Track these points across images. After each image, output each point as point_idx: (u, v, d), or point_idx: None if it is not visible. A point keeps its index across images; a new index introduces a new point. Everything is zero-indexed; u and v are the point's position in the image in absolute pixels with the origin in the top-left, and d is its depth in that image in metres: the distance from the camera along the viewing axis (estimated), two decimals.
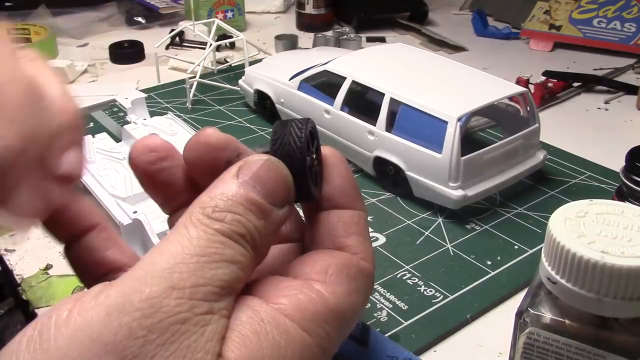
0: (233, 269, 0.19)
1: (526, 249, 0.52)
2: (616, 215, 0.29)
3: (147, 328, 0.17)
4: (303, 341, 0.20)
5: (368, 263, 0.25)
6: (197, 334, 0.18)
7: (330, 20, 1.12)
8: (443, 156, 0.53)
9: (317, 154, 0.26)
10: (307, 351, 0.20)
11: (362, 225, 0.26)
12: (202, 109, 0.78)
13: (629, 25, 0.97)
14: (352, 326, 0.24)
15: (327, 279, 0.23)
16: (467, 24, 1.11)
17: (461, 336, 0.44)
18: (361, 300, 0.24)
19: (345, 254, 0.24)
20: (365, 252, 0.25)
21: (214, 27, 0.83)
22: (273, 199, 0.21)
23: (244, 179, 0.21)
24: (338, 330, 0.22)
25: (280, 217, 0.22)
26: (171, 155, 0.25)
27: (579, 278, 0.27)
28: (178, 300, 0.18)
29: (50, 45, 0.98)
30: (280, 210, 0.22)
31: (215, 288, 0.19)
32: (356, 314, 0.24)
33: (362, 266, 0.24)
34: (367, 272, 0.25)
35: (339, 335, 0.22)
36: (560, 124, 0.76)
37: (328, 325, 0.21)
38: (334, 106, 0.62)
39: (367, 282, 0.25)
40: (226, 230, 0.20)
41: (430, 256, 0.51)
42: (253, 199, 0.21)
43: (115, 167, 0.54)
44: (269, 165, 0.22)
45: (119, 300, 0.17)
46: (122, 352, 0.17)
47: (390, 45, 0.72)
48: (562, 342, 0.29)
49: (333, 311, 0.22)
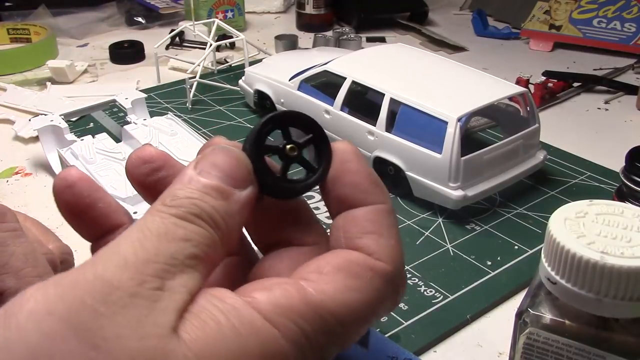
0: (185, 246, 0.20)
1: (526, 249, 0.52)
2: (616, 216, 0.29)
3: (97, 301, 0.18)
4: (269, 334, 0.19)
5: (385, 263, 0.23)
6: (147, 308, 0.18)
7: (330, 20, 1.12)
8: (443, 156, 0.53)
9: (300, 146, 0.24)
10: (274, 345, 0.19)
11: (379, 221, 0.24)
12: (202, 109, 0.78)
13: (629, 25, 0.97)
14: (356, 329, 0.22)
15: (318, 277, 0.22)
16: (467, 24, 1.11)
17: (461, 336, 0.44)
18: (366, 300, 0.22)
19: (355, 253, 0.23)
20: (383, 251, 0.23)
21: (214, 27, 0.83)
22: (232, 181, 0.22)
23: (201, 169, 0.22)
24: (322, 329, 0.21)
25: (244, 197, 0.22)
26: (167, 164, 0.25)
27: (578, 278, 0.27)
28: (128, 275, 0.18)
29: (50, 45, 0.98)
30: (243, 191, 0.22)
31: (167, 265, 0.19)
32: (358, 315, 0.22)
33: (373, 265, 0.23)
34: (381, 272, 0.23)
35: (326, 335, 0.21)
36: (560, 124, 0.76)
37: (305, 321, 0.20)
38: (334, 106, 0.62)
39: (379, 283, 0.22)
40: (180, 212, 0.20)
41: (430, 256, 0.51)
42: (209, 183, 0.21)
43: (115, 167, 0.54)
44: (224, 150, 0.22)
45: (75, 277, 0.18)
46: (75, 325, 0.17)
47: (390, 45, 0.72)
48: (562, 343, 0.29)
49: (315, 307, 0.21)
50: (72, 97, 0.82)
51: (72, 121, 0.73)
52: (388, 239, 0.23)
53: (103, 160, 0.55)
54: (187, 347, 0.18)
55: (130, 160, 0.25)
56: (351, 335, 0.22)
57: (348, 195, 0.24)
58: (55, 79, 0.87)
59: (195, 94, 0.79)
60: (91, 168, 0.54)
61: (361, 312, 0.22)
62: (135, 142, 0.58)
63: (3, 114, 0.77)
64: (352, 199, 0.24)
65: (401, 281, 0.24)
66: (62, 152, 0.58)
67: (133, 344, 0.17)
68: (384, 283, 0.23)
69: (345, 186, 0.24)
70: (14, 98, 0.82)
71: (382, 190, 0.24)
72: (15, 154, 0.69)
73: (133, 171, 0.25)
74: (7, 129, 0.74)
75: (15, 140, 0.72)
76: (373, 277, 0.22)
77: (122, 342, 0.17)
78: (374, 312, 0.23)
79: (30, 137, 0.71)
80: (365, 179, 0.24)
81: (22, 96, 0.82)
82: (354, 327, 0.22)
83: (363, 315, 0.22)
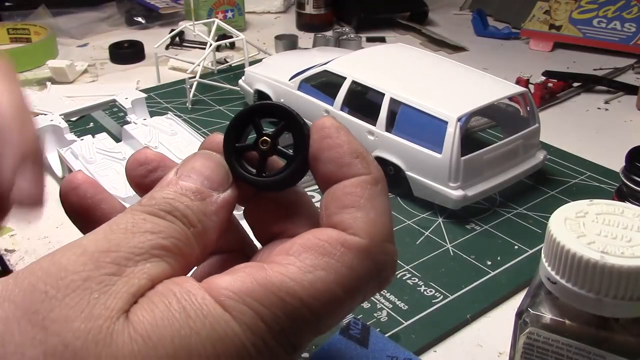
0: (152, 237, 0.20)
1: (526, 249, 0.52)
2: (616, 216, 0.29)
3: (49, 285, 0.18)
4: (219, 318, 0.19)
5: (360, 237, 0.21)
6: (98, 292, 0.18)
7: (330, 20, 1.12)
8: (443, 156, 0.53)
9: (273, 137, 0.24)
10: (224, 329, 0.19)
11: (358, 193, 0.22)
12: (202, 109, 0.78)
13: (629, 25, 0.97)
14: (328, 312, 0.20)
15: (283, 259, 0.21)
16: (467, 24, 1.11)
17: (461, 336, 0.44)
18: (336, 279, 0.20)
19: (328, 230, 0.21)
20: (359, 225, 0.21)
21: (214, 27, 0.83)
22: (209, 184, 0.22)
23: (181, 173, 0.22)
24: (284, 313, 0.19)
25: (221, 198, 0.22)
26: (163, 164, 0.26)
27: (578, 278, 0.27)
28: (83, 261, 0.19)
29: (50, 45, 0.98)
30: (221, 193, 0.22)
31: (128, 254, 0.19)
32: (328, 296, 0.20)
33: (344, 240, 0.21)
34: (354, 246, 0.21)
35: (290, 319, 0.20)
36: (560, 124, 0.76)
37: (260, 304, 0.19)
38: (334, 106, 0.62)
39: (351, 259, 0.21)
40: (152, 209, 0.21)
41: (430, 256, 0.51)
42: (186, 185, 0.22)
43: (115, 167, 0.54)
44: (204, 155, 0.23)
45: (33, 265, 0.19)
46: (26, 308, 0.18)
47: (390, 45, 0.72)
48: (562, 342, 0.29)
49: (275, 289, 0.19)
50: (72, 97, 0.82)
51: (72, 121, 0.73)
52: (367, 212, 0.22)
53: (103, 160, 0.55)
54: (133, 328, 0.18)
55: (128, 163, 0.26)
56: (324, 320, 0.21)
57: (331, 171, 0.23)
58: (55, 79, 0.87)
59: (195, 94, 0.79)
60: (91, 168, 0.54)
61: (331, 292, 0.20)
62: (135, 142, 0.58)
63: None
64: (334, 175, 0.23)
65: (384, 257, 0.22)
66: (62, 152, 0.58)
67: (79, 325, 0.17)
68: (358, 259, 0.21)
69: (326, 163, 0.23)
70: None
71: (364, 160, 0.23)
72: None
73: (130, 173, 0.26)
74: None
75: None
76: (344, 254, 0.21)
77: (69, 324, 0.17)
78: (349, 292, 0.21)
79: None
80: (345, 151, 0.23)
81: None
82: (325, 310, 0.20)
83: (335, 296, 0.20)
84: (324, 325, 0.21)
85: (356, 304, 0.22)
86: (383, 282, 0.23)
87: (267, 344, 0.19)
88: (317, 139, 0.23)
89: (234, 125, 0.24)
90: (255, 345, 0.19)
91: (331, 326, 0.21)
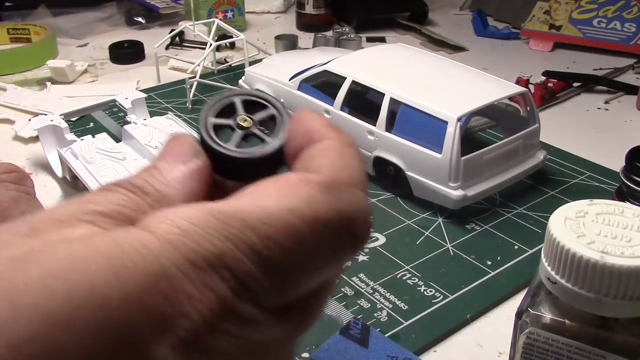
0: (80, 205, 0.18)
1: (526, 249, 0.52)
2: (616, 215, 0.29)
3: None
4: (129, 234, 0.16)
5: (321, 174, 0.19)
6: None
7: (330, 20, 1.12)
8: (443, 156, 0.53)
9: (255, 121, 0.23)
10: (135, 246, 0.16)
11: (327, 149, 0.21)
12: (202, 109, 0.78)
13: (629, 25, 0.97)
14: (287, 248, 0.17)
15: (232, 197, 0.19)
16: (467, 24, 1.11)
17: (461, 336, 0.44)
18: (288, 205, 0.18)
19: (286, 174, 0.20)
20: (323, 167, 0.20)
21: (214, 27, 0.83)
22: (169, 157, 0.21)
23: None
24: (220, 232, 0.17)
25: (186, 168, 0.21)
26: None
27: (578, 278, 0.27)
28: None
29: (50, 45, 0.98)
30: (184, 164, 0.21)
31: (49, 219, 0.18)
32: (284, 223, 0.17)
33: (305, 175, 0.19)
34: (314, 180, 0.19)
35: (231, 242, 0.17)
36: (560, 124, 0.76)
37: (190, 222, 0.17)
38: (334, 106, 0.62)
39: (309, 190, 0.18)
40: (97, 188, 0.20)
41: (430, 256, 0.51)
42: (146, 164, 0.21)
43: (115, 167, 0.54)
44: (171, 136, 0.23)
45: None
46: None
47: (390, 45, 0.72)
48: (562, 342, 0.29)
49: (212, 211, 0.17)
50: (72, 97, 0.82)
51: (72, 121, 0.73)
52: (333, 160, 0.20)
53: (103, 160, 0.55)
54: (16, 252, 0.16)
55: None
56: (283, 258, 0.17)
57: (302, 144, 0.21)
58: (55, 79, 0.87)
59: (195, 94, 0.79)
60: (91, 168, 0.54)
61: (285, 219, 0.17)
62: (135, 142, 0.58)
63: (3, 114, 0.77)
64: (304, 146, 0.21)
65: (353, 198, 0.19)
66: (62, 152, 0.58)
67: None
68: (318, 192, 0.18)
69: (298, 137, 0.21)
70: (14, 98, 0.82)
71: (337, 130, 0.22)
72: (15, 153, 0.69)
73: None
74: (7, 129, 0.74)
75: (15, 140, 0.72)
76: (299, 185, 0.18)
77: None
78: (311, 225, 0.18)
79: (30, 137, 0.71)
80: (318, 124, 0.21)
81: (22, 96, 0.82)
82: (281, 242, 0.17)
83: (291, 225, 0.17)
84: (284, 265, 0.17)
85: (325, 255, 0.19)
86: (358, 237, 0.19)
87: (196, 266, 0.16)
88: (292, 122, 0.22)
89: (212, 103, 0.23)
90: (177, 265, 0.16)
91: (297, 272, 0.18)
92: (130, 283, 0.15)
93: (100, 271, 0.15)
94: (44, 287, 0.15)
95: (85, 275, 0.15)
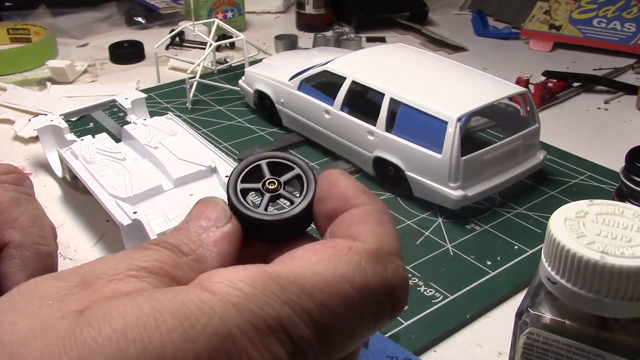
0: (128, 260, 0.19)
1: (526, 249, 0.52)
2: (616, 216, 0.29)
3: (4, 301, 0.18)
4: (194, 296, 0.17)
5: (367, 242, 0.20)
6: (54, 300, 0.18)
7: (330, 20, 1.12)
8: (443, 156, 0.53)
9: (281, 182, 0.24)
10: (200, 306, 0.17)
11: (365, 215, 0.22)
12: (202, 109, 0.78)
13: (629, 25, 0.97)
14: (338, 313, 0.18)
15: (284, 258, 0.19)
16: (467, 24, 1.11)
17: (461, 336, 0.44)
18: (341, 272, 0.19)
19: (333, 239, 0.21)
20: (366, 235, 0.20)
21: (214, 27, 0.83)
22: (207, 222, 0.22)
23: (184, 220, 0.23)
24: (279, 296, 0.17)
25: (221, 231, 0.22)
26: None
27: (578, 278, 0.27)
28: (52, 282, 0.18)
29: (50, 45, 0.98)
30: (220, 228, 0.23)
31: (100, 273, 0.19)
32: (336, 290, 0.18)
33: (354, 244, 0.20)
34: (361, 248, 0.20)
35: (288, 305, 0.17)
36: (560, 124, 0.76)
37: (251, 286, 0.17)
38: (334, 106, 0.62)
39: (358, 258, 0.19)
40: (140, 245, 0.21)
41: (430, 256, 0.51)
42: (183, 225, 0.22)
43: (115, 167, 0.54)
44: (202, 200, 0.24)
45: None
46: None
47: (390, 45, 0.72)
48: (562, 343, 0.29)
49: (271, 275, 0.18)
50: (72, 97, 0.82)
51: (72, 121, 0.73)
52: (375, 227, 0.21)
53: (103, 160, 0.55)
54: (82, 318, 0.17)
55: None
56: (333, 322, 0.18)
57: (336, 207, 0.22)
58: (55, 79, 0.87)
59: (195, 94, 0.79)
60: (91, 168, 0.54)
61: (338, 286, 0.18)
62: (135, 142, 0.58)
63: (3, 114, 0.77)
64: (340, 208, 0.22)
65: (395, 267, 0.20)
66: (62, 152, 0.58)
67: (22, 323, 0.16)
68: (366, 260, 0.19)
69: (332, 200, 0.23)
70: (14, 98, 0.82)
71: (371, 195, 0.23)
72: (15, 154, 0.69)
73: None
74: (7, 129, 0.74)
75: (15, 140, 0.72)
76: (351, 253, 0.19)
77: (13, 326, 0.16)
78: (359, 291, 0.19)
79: (30, 137, 0.71)
80: (352, 186, 0.23)
81: (22, 96, 0.82)
82: (333, 307, 0.18)
83: (343, 292, 0.18)
84: (334, 331, 0.18)
85: (369, 321, 0.20)
86: (396, 304, 0.20)
87: (258, 329, 0.17)
88: (326, 184, 0.23)
89: (240, 168, 0.24)
90: (241, 328, 0.16)
91: (344, 338, 0.19)
92: (199, 345, 0.16)
93: (170, 333, 0.16)
94: (117, 348, 0.15)
95: (156, 337, 0.16)
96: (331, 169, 0.24)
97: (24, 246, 0.34)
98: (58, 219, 0.57)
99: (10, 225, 0.34)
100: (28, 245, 0.34)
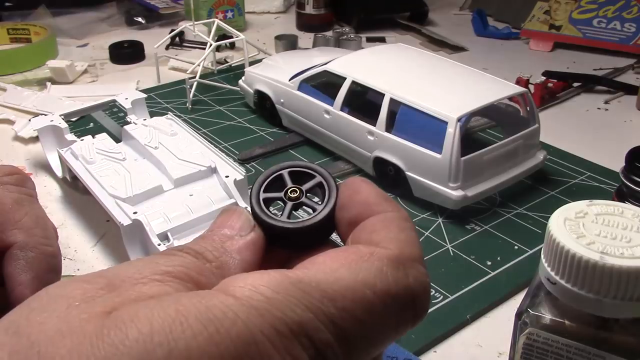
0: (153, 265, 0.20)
1: (526, 249, 0.52)
2: (616, 216, 0.29)
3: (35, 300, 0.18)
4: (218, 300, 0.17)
5: (389, 249, 0.20)
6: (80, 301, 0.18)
7: (330, 20, 1.12)
8: (443, 156, 0.53)
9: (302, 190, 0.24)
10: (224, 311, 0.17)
11: (388, 222, 0.22)
12: (202, 109, 0.78)
13: (629, 25, 0.97)
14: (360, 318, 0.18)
15: (306, 264, 0.20)
16: (467, 24, 1.11)
17: (461, 336, 0.44)
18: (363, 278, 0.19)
19: (355, 245, 0.21)
20: (389, 241, 0.21)
21: (214, 27, 0.83)
22: (231, 230, 0.23)
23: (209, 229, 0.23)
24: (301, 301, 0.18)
25: (244, 240, 0.23)
26: None
27: (578, 278, 0.27)
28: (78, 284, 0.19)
29: (50, 45, 0.98)
30: (244, 236, 0.23)
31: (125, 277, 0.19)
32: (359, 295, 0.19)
33: (374, 250, 0.20)
34: (383, 254, 0.20)
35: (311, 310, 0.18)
36: (560, 124, 0.76)
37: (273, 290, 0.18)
38: (334, 106, 0.62)
39: (380, 264, 0.20)
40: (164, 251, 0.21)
41: (430, 256, 0.51)
42: (207, 234, 0.23)
43: (115, 167, 0.54)
44: (227, 210, 0.24)
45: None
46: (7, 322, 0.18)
47: (390, 45, 0.72)
48: (561, 343, 0.29)
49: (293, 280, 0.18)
50: (72, 97, 0.82)
51: (72, 121, 0.73)
52: (397, 234, 0.21)
53: (103, 160, 0.55)
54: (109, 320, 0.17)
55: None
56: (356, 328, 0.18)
57: (358, 214, 0.23)
58: (55, 79, 0.87)
59: (195, 94, 0.79)
60: (91, 168, 0.54)
61: (360, 292, 0.19)
62: (135, 142, 0.58)
63: (3, 114, 0.77)
64: (362, 215, 0.23)
65: (417, 274, 0.20)
66: (62, 152, 0.58)
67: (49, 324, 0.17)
68: (388, 266, 0.20)
69: (354, 207, 0.23)
70: (14, 98, 0.82)
71: (392, 202, 0.23)
72: (15, 154, 0.69)
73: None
74: (7, 129, 0.74)
75: (15, 140, 0.72)
76: (373, 259, 0.20)
77: (41, 326, 0.17)
78: (381, 297, 0.19)
79: (30, 137, 0.71)
80: (374, 194, 0.23)
81: (22, 96, 0.82)
82: (355, 312, 0.18)
83: (365, 298, 0.19)
84: (356, 336, 0.18)
85: (390, 327, 0.20)
86: (419, 312, 0.21)
87: (280, 333, 0.17)
88: (348, 191, 0.24)
89: (263, 178, 0.25)
90: (264, 332, 0.17)
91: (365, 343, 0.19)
92: (223, 349, 0.16)
93: (195, 336, 0.16)
94: (143, 351, 0.16)
95: (182, 341, 0.16)
96: (353, 177, 0.24)
97: (28, 247, 0.34)
98: (58, 219, 0.57)
99: (14, 227, 0.34)
100: (32, 246, 0.34)
